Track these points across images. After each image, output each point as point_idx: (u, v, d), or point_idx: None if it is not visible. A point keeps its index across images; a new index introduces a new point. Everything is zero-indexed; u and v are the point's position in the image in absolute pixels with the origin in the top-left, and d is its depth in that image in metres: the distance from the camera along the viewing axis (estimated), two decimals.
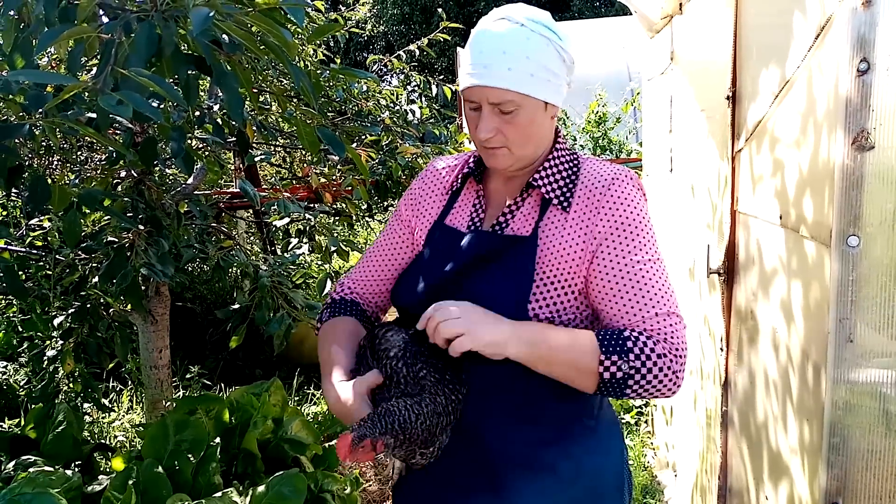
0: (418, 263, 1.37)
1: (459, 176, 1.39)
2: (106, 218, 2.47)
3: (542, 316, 1.20)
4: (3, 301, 3.80)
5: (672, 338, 1.16)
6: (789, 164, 1.53)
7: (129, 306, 2.56)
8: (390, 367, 1.20)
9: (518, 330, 1.14)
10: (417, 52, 3.66)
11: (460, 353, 1.12)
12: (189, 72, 1.17)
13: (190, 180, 2.71)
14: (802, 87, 1.44)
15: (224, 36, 1.16)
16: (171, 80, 1.25)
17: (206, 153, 2.46)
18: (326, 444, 2.68)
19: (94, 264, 2.50)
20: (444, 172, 1.43)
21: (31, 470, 2.05)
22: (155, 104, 1.19)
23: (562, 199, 1.26)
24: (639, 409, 3.81)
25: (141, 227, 2.18)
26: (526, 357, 1.14)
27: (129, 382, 4.10)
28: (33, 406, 2.59)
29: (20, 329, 3.84)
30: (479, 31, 1.21)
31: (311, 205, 3.59)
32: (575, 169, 1.29)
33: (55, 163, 2.76)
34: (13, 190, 2.87)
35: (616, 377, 1.13)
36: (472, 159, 1.39)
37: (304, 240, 3.01)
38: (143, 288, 2.53)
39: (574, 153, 1.32)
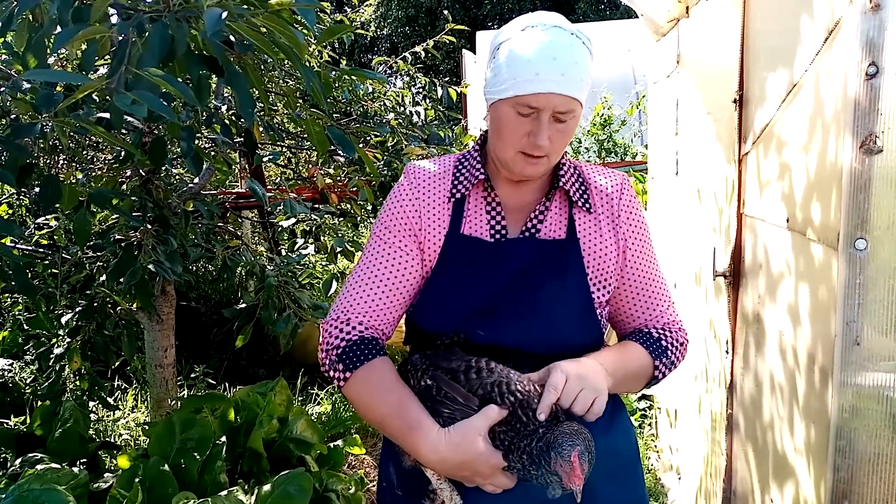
0: (443, 282, 1.27)
1: (463, 183, 1.30)
2: (113, 217, 2.48)
3: (601, 317, 1.28)
4: (9, 299, 3.82)
5: (680, 322, 1.37)
6: (796, 168, 1.53)
7: (135, 304, 2.57)
8: (522, 400, 1.10)
9: (604, 367, 1.19)
10: (423, 54, 3.67)
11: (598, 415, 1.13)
12: (201, 72, 1.18)
13: (196, 180, 2.72)
14: (810, 90, 1.44)
15: (234, 37, 1.17)
16: (182, 80, 1.26)
17: (214, 153, 2.47)
18: (332, 444, 2.69)
19: (101, 263, 2.51)
20: (435, 180, 1.32)
21: (38, 467, 2.06)
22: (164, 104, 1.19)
23: (583, 200, 1.30)
24: (643, 412, 3.81)
25: (149, 226, 2.19)
26: (612, 389, 1.20)
27: (134, 381, 4.11)
28: (39, 404, 2.60)
29: (26, 327, 3.85)
30: (539, 37, 1.16)
31: (317, 205, 3.60)
32: (578, 171, 1.34)
33: (61, 161, 2.77)
34: (22, 189, 2.89)
35: (664, 374, 1.31)
36: (473, 165, 1.30)
37: (310, 240, 3.01)
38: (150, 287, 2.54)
39: (567, 156, 1.35)
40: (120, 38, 1.06)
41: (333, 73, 2.18)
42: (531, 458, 1.06)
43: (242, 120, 2.16)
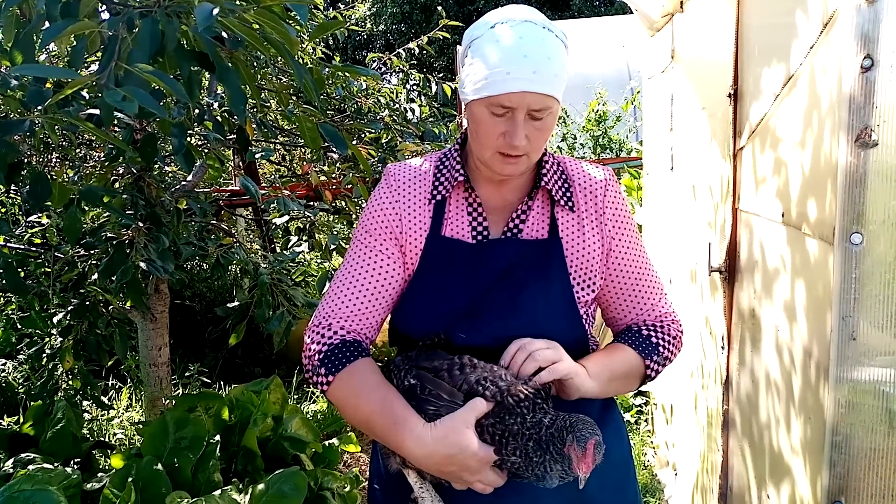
0: (425, 284, 1.25)
1: (444, 184, 1.28)
2: (105, 214, 2.46)
3: (584, 317, 1.26)
4: (2, 298, 3.80)
5: (673, 314, 1.36)
6: (791, 162, 1.53)
7: (128, 303, 2.55)
8: (509, 391, 1.10)
9: (586, 368, 1.20)
10: (417, 51, 3.65)
11: (555, 378, 1.14)
12: (191, 68, 1.17)
13: (189, 177, 2.71)
14: (805, 84, 1.44)
15: (225, 32, 1.16)
16: (172, 76, 1.25)
17: (207, 150, 2.46)
18: (327, 443, 2.68)
19: (93, 261, 2.49)
20: (415, 181, 1.30)
21: (30, 467, 2.05)
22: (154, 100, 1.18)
23: (565, 198, 1.28)
24: (639, 408, 3.81)
25: (140, 224, 2.18)
26: (596, 394, 1.21)
27: (129, 380, 4.09)
28: (32, 403, 2.59)
29: (19, 326, 3.83)
30: (509, 34, 1.13)
31: (311, 203, 3.58)
32: (562, 168, 1.32)
33: (54, 160, 2.76)
34: (12, 186, 2.87)
35: (656, 371, 1.30)
36: (453, 166, 1.28)
37: (304, 237, 3.00)
38: (142, 285, 2.52)
39: (550, 152, 1.33)
40: (110, 33, 1.04)
41: (326, 69, 2.16)
42: (538, 443, 1.06)
43: (235, 116, 2.15)
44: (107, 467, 2.50)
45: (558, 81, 1.15)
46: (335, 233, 2.99)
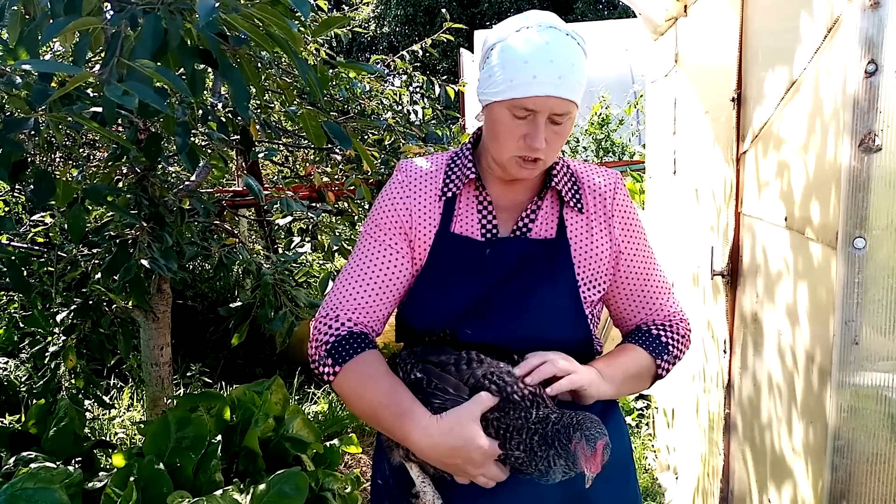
0: (433, 280, 1.26)
1: (455, 181, 1.29)
2: (109, 214, 2.47)
3: (589, 317, 1.27)
4: (4, 297, 3.81)
5: (681, 313, 1.38)
6: (795, 166, 1.52)
7: (130, 302, 2.55)
8: (515, 387, 1.12)
9: (600, 371, 1.22)
10: (420, 53, 3.65)
11: (574, 388, 1.16)
12: (195, 65, 1.17)
13: (193, 177, 2.71)
14: (809, 88, 1.43)
15: (228, 30, 1.16)
16: (176, 74, 1.25)
17: (210, 150, 2.46)
18: (328, 443, 2.68)
19: (96, 260, 2.50)
20: (426, 178, 1.31)
21: (32, 466, 2.05)
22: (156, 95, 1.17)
23: (574, 200, 1.29)
24: (640, 412, 3.80)
25: (144, 224, 2.18)
26: (611, 395, 1.24)
27: (130, 380, 4.10)
28: (34, 402, 2.59)
29: (21, 325, 3.83)
30: (535, 38, 1.14)
31: (314, 204, 3.58)
32: (571, 170, 1.34)
33: (58, 159, 2.76)
34: (16, 185, 2.88)
35: (667, 370, 1.32)
36: (465, 164, 1.30)
37: (307, 238, 3.01)
38: (145, 284, 2.52)
39: (559, 155, 1.34)
40: (113, 30, 1.04)
41: (332, 70, 2.16)
42: (543, 438, 1.06)
43: (239, 117, 2.15)
44: (108, 466, 2.50)
45: (580, 88, 1.17)
46: (338, 234, 2.99)
